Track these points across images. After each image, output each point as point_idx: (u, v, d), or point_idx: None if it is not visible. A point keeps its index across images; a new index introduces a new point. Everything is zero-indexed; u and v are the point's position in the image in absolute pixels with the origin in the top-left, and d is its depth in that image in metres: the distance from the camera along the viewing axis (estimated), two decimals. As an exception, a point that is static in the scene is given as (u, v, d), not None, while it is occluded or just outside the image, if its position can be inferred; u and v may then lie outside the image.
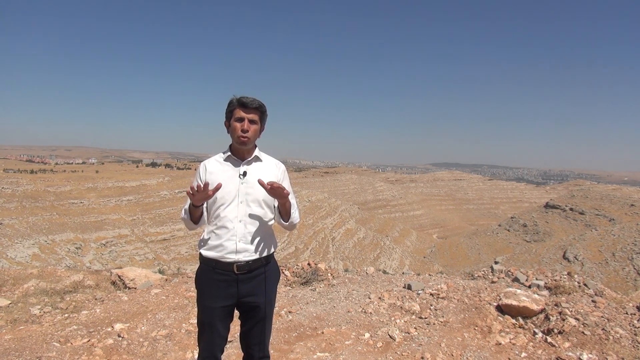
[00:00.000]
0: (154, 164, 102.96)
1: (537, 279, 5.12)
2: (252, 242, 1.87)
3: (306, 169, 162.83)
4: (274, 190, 1.77)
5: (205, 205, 1.90)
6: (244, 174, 1.88)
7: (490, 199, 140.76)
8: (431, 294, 4.21)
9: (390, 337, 3.36)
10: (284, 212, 1.92)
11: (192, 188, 1.73)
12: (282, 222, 1.96)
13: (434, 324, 3.56)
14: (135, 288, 5.03)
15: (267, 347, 2.06)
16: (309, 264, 5.71)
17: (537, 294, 3.92)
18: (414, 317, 3.77)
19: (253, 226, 1.87)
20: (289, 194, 1.84)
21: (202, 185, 1.72)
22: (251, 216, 1.87)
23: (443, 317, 3.66)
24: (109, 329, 3.62)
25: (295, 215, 1.95)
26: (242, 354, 2.09)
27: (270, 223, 1.96)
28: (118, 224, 51.01)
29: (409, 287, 4.51)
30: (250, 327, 1.97)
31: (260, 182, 1.78)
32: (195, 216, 1.86)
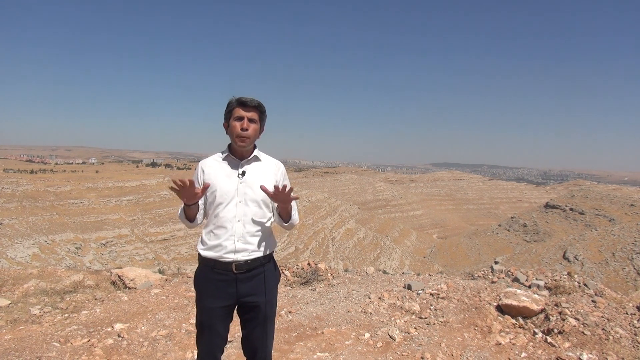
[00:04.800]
0: (154, 164, 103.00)
1: (537, 279, 5.12)
2: (250, 241, 1.86)
3: (306, 169, 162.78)
4: (278, 194, 1.77)
5: (203, 202, 1.91)
6: (243, 173, 1.87)
7: (490, 199, 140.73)
8: (431, 294, 4.21)
9: (390, 337, 3.36)
10: (284, 214, 1.90)
11: (175, 182, 1.69)
12: (282, 223, 1.94)
13: (434, 324, 3.56)
14: (135, 288, 5.03)
15: (270, 351, 2.01)
16: (309, 264, 5.71)
17: (537, 294, 3.92)
18: (414, 317, 3.77)
19: (252, 226, 1.86)
20: (295, 198, 1.81)
21: (187, 182, 1.69)
22: (250, 216, 1.86)
23: (443, 317, 3.66)
24: (109, 329, 3.62)
25: (295, 216, 1.94)
26: (242, 354, 2.07)
27: (269, 223, 1.94)
28: (118, 224, 51.00)
29: (409, 287, 4.50)
30: (250, 331, 1.94)
31: (263, 189, 1.78)
32: (189, 215, 1.84)
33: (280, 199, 1.79)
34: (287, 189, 1.76)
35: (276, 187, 1.76)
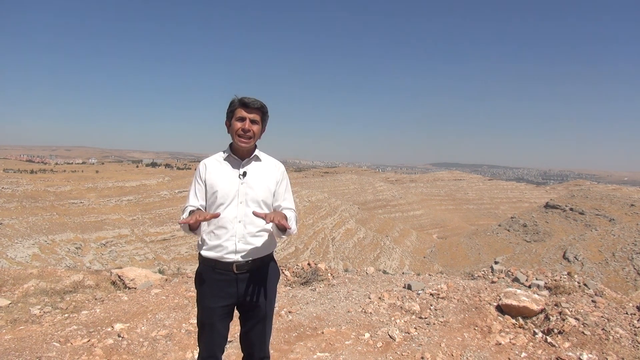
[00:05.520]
0: (154, 164, 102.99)
1: (537, 279, 5.12)
2: (251, 242, 1.87)
3: (306, 169, 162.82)
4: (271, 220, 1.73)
5: (204, 203, 1.91)
6: (244, 174, 1.88)
7: (490, 199, 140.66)
8: (431, 294, 4.21)
9: (390, 337, 3.36)
10: (281, 227, 1.87)
11: (184, 222, 1.70)
12: (280, 234, 1.91)
13: (434, 324, 3.56)
14: (135, 288, 5.03)
15: (268, 348, 2.06)
16: (309, 264, 5.71)
17: (537, 294, 3.92)
18: (414, 317, 3.77)
19: (252, 226, 1.87)
20: (289, 227, 1.77)
21: (202, 217, 1.69)
22: (251, 217, 1.86)
23: (443, 317, 3.66)
24: (109, 329, 3.62)
25: (293, 227, 1.89)
26: (242, 354, 2.09)
27: (269, 224, 1.95)
28: (118, 224, 50.99)
29: (409, 287, 4.51)
30: (250, 328, 1.97)
31: (256, 214, 1.75)
32: (194, 228, 1.82)
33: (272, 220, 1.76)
34: (277, 221, 1.73)
35: (268, 215, 1.73)
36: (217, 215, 1.75)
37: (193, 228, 1.82)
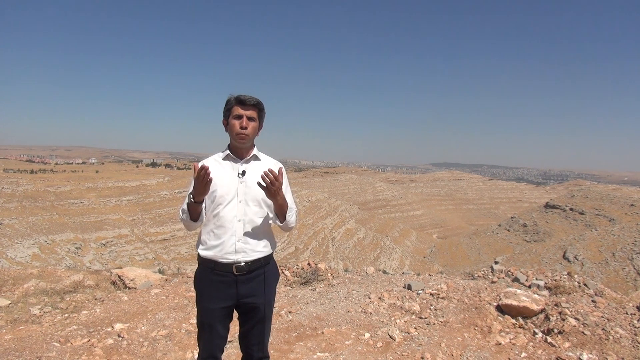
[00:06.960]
0: (154, 164, 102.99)
1: (537, 279, 5.12)
2: (251, 242, 1.86)
3: (306, 169, 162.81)
4: (270, 185, 1.74)
5: (204, 203, 1.90)
6: (243, 173, 1.87)
7: (490, 199, 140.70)
8: (431, 294, 4.21)
9: (390, 337, 3.36)
10: (279, 213, 1.89)
11: (200, 168, 1.66)
12: (278, 222, 1.93)
13: (434, 324, 3.56)
14: (135, 288, 5.03)
15: (267, 348, 2.05)
16: (309, 264, 5.71)
17: (537, 294, 3.92)
18: (414, 317, 3.77)
19: (252, 226, 1.86)
20: (278, 193, 1.78)
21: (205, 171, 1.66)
22: (250, 216, 1.86)
23: (443, 317, 3.66)
24: (109, 329, 3.62)
25: (291, 219, 1.92)
26: (242, 354, 2.09)
27: (269, 223, 1.94)
28: (118, 224, 51.00)
29: (409, 287, 4.51)
30: (249, 328, 1.96)
31: (260, 183, 1.76)
32: (195, 214, 1.83)
33: (271, 190, 1.77)
34: (276, 175, 1.74)
35: (268, 173, 1.73)
36: (206, 168, 1.69)
37: (194, 216, 1.82)
